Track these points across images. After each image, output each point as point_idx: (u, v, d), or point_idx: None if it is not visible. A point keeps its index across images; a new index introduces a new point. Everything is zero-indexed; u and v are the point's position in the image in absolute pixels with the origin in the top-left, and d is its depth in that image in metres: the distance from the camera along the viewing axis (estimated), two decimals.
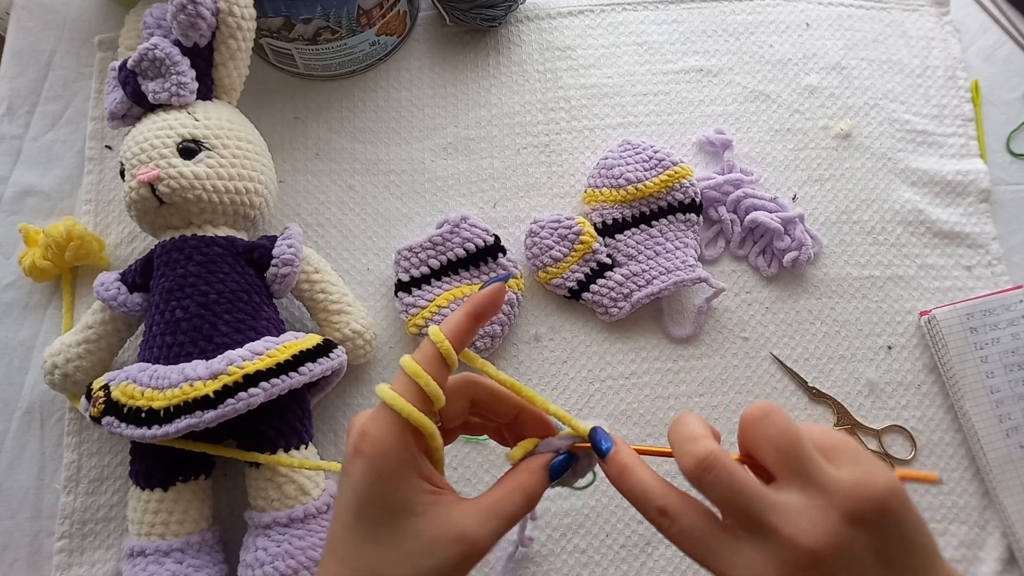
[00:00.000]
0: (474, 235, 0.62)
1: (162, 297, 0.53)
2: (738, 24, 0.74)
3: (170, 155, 0.53)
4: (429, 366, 0.33)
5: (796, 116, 0.70)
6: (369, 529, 0.32)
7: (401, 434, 0.32)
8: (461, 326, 0.35)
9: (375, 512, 0.32)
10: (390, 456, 0.32)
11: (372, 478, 0.32)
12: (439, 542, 0.32)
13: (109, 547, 0.57)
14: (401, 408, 0.32)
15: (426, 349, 0.34)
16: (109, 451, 0.59)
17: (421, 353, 0.34)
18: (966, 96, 0.71)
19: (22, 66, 0.71)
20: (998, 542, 0.59)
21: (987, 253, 0.66)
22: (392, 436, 0.32)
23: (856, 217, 0.67)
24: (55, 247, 0.60)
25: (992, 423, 0.60)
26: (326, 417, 0.61)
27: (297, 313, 0.63)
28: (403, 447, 0.32)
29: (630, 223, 0.64)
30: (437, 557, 0.32)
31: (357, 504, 0.32)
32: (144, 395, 0.49)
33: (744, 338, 0.63)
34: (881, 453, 0.60)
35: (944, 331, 0.62)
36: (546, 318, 0.64)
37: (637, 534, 0.58)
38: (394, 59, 0.72)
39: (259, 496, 0.52)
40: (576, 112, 0.70)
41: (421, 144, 0.69)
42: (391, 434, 0.32)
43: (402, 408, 0.32)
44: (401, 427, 0.32)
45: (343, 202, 0.67)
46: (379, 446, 0.32)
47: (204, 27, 0.54)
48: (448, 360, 0.34)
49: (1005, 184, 0.69)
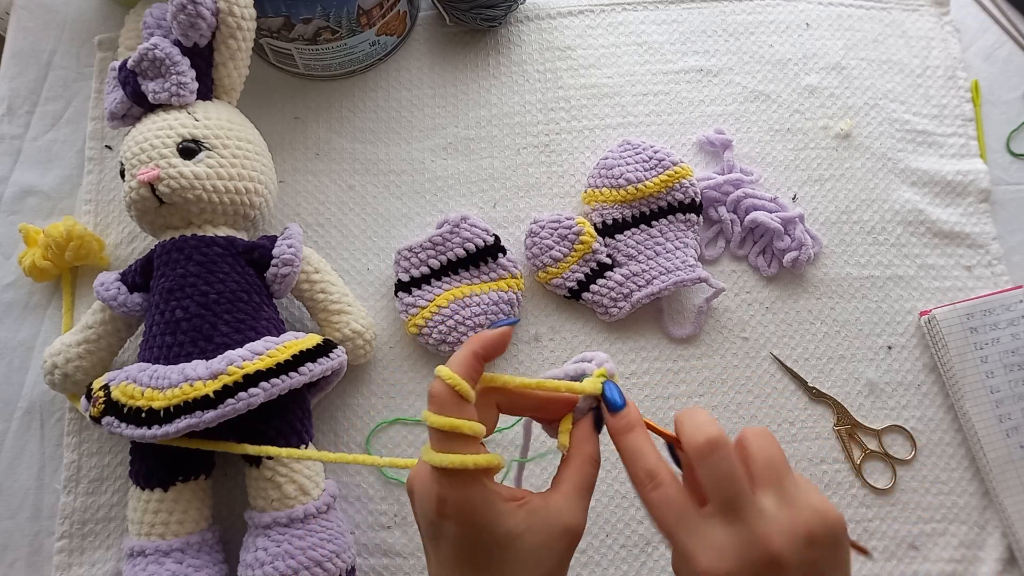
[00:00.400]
0: (474, 235, 0.62)
1: (162, 297, 0.53)
2: (738, 24, 0.74)
3: (170, 155, 0.53)
4: (456, 409, 0.34)
5: (796, 116, 0.70)
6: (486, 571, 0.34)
7: (477, 485, 0.34)
8: (470, 365, 0.35)
9: (484, 556, 0.34)
10: (478, 507, 0.34)
11: (470, 529, 0.34)
12: (548, 544, 0.34)
13: (109, 547, 0.57)
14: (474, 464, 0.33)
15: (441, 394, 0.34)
16: (109, 451, 0.59)
17: (438, 403, 0.34)
18: (966, 96, 0.71)
19: (22, 66, 0.71)
20: (998, 542, 0.59)
21: (987, 253, 0.66)
22: (470, 489, 0.34)
23: (856, 217, 0.67)
24: (55, 247, 0.60)
25: (992, 423, 0.60)
26: (326, 417, 0.61)
27: (297, 313, 0.63)
28: (484, 494, 0.34)
29: (630, 223, 0.64)
30: (552, 557, 0.34)
31: (465, 556, 0.34)
32: (144, 395, 0.49)
33: (744, 338, 0.63)
34: (881, 453, 0.60)
35: (944, 331, 0.62)
36: (546, 318, 0.64)
37: (637, 534, 0.58)
38: (394, 59, 0.72)
39: (259, 496, 0.52)
40: (576, 112, 0.70)
41: (421, 144, 0.69)
42: (468, 487, 0.34)
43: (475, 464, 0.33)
44: (472, 478, 0.34)
45: (343, 202, 0.67)
46: (464, 503, 0.33)
47: (204, 27, 0.54)
48: (465, 397, 0.34)
49: (1005, 184, 0.69)
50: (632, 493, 0.59)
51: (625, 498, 0.59)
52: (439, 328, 0.60)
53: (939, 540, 0.59)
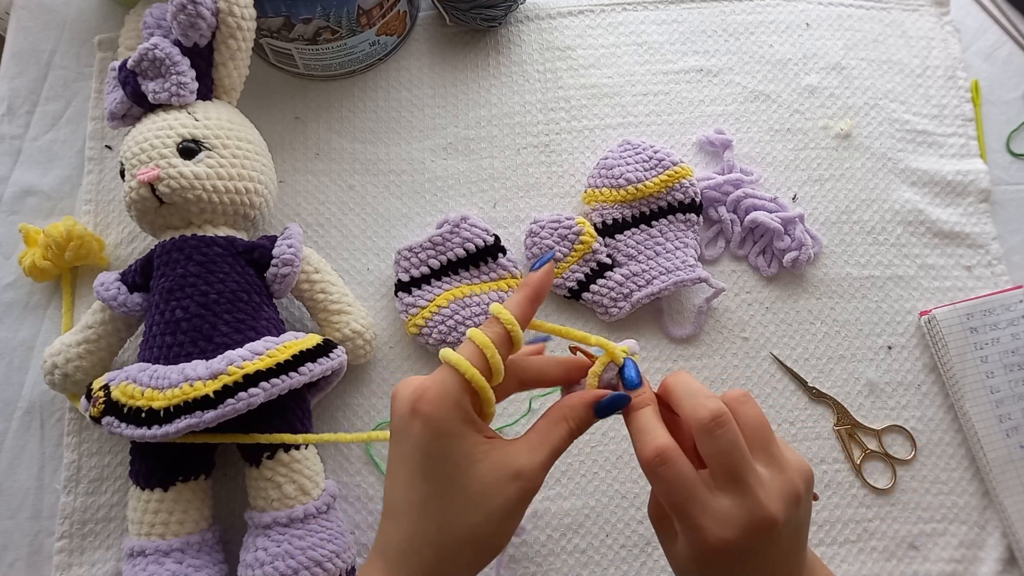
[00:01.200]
0: (474, 235, 0.62)
1: (162, 297, 0.53)
2: (738, 24, 0.74)
3: (170, 155, 0.53)
4: (497, 341, 0.36)
5: (796, 116, 0.70)
6: (435, 483, 0.34)
7: (459, 393, 0.35)
8: (525, 310, 0.37)
9: (439, 466, 0.34)
10: (451, 413, 0.34)
11: (432, 435, 0.34)
12: (499, 482, 0.34)
13: (109, 547, 0.57)
14: (466, 370, 0.34)
15: (495, 328, 0.36)
16: (109, 451, 0.59)
17: (491, 328, 0.36)
18: (966, 96, 0.71)
19: (22, 66, 0.71)
20: (998, 542, 0.59)
21: (987, 253, 0.66)
22: (452, 395, 0.34)
23: (856, 217, 0.67)
24: (55, 247, 0.60)
25: (992, 423, 0.60)
26: (326, 417, 0.61)
27: (297, 313, 0.63)
28: (459, 405, 0.35)
29: (630, 223, 0.64)
30: (499, 497, 0.34)
31: (422, 460, 0.34)
32: (144, 395, 0.49)
33: (744, 338, 0.63)
34: (881, 453, 0.60)
35: (944, 331, 0.62)
36: (546, 318, 0.63)
37: (637, 534, 0.58)
38: (394, 59, 0.72)
39: (259, 496, 0.52)
40: (576, 112, 0.70)
41: (421, 144, 0.69)
42: (451, 393, 0.34)
43: (466, 370, 0.34)
44: (460, 387, 0.35)
45: (343, 202, 0.67)
46: (438, 404, 0.34)
47: (204, 27, 0.54)
48: (515, 340, 0.36)
49: (1005, 184, 0.69)
50: (632, 493, 0.59)
51: (625, 498, 0.59)
52: (439, 328, 0.60)
53: (939, 540, 0.59)
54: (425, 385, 0.35)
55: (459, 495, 0.34)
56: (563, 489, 0.59)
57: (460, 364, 0.35)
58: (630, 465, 0.60)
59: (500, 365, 0.35)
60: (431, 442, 0.34)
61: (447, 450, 0.34)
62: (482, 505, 0.34)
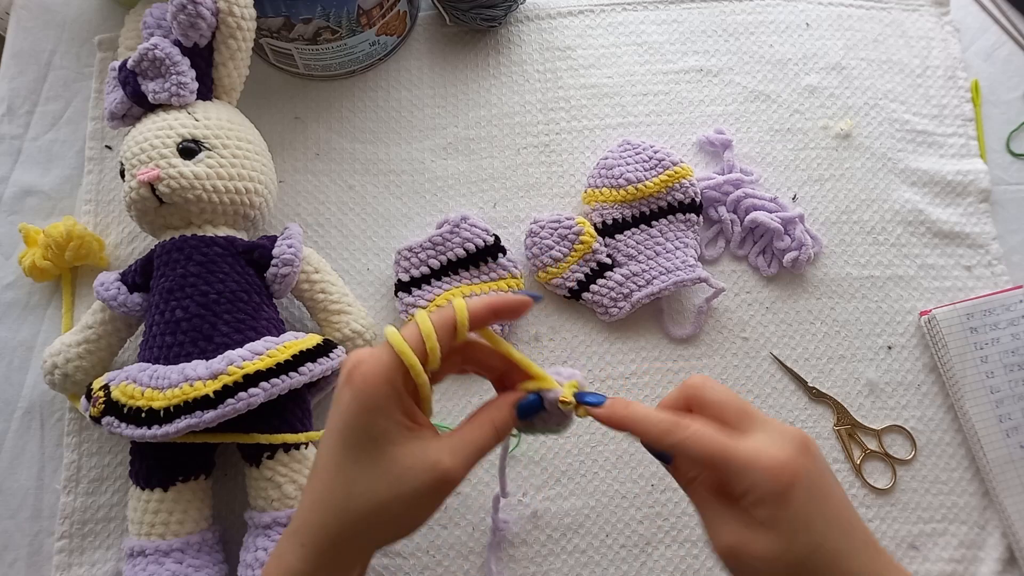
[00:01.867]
0: (474, 235, 0.62)
1: (162, 297, 0.53)
2: (738, 24, 0.74)
3: (170, 155, 0.53)
4: (440, 328, 0.36)
5: (796, 116, 0.70)
6: (352, 452, 0.35)
7: (391, 370, 0.35)
8: (481, 313, 0.37)
9: (358, 437, 0.35)
10: (378, 388, 0.34)
11: (357, 407, 0.35)
12: (414, 468, 0.35)
13: (109, 547, 0.57)
14: (399, 348, 0.34)
15: (444, 314, 0.36)
16: (109, 451, 0.59)
17: (438, 315, 0.36)
18: (966, 96, 0.71)
19: (22, 66, 0.71)
20: (998, 542, 0.59)
21: (987, 253, 0.66)
22: (382, 370, 0.34)
23: (856, 217, 0.67)
24: (55, 247, 0.60)
25: (992, 423, 0.60)
26: (326, 417, 0.60)
27: (297, 313, 0.63)
28: (390, 382, 0.35)
29: (630, 223, 0.64)
30: (412, 482, 0.35)
31: (343, 429, 0.35)
32: (144, 395, 0.49)
33: (744, 338, 0.63)
34: (881, 453, 0.60)
35: (944, 331, 0.62)
36: (546, 318, 0.64)
37: (637, 534, 0.58)
38: (394, 59, 0.72)
39: (259, 496, 0.52)
40: (576, 112, 0.70)
41: (421, 144, 0.69)
42: (382, 368, 0.34)
43: (400, 348, 0.34)
44: (393, 364, 0.35)
45: (343, 202, 0.67)
46: (369, 378, 0.34)
47: (204, 27, 0.54)
48: (459, 334, 0.36)
49: (1005, 184, 0.69)
50: (632, 493, 0.59)
51: (625, 498, 0.59)
52: None
53: (939, 540, 0.59)
54: (362, 357, 0.35)
55: (372, 469, 0.35)
56: (563, 489, 0.59)
57: (396, 343, 0.35)
58: (630, 465, 0.60)
59: (436, 351, 0.35)
60: (356, 414, 0.35)
61: (369, 424, 0.35)
62: (393, 485, 0.35)
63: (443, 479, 0.35)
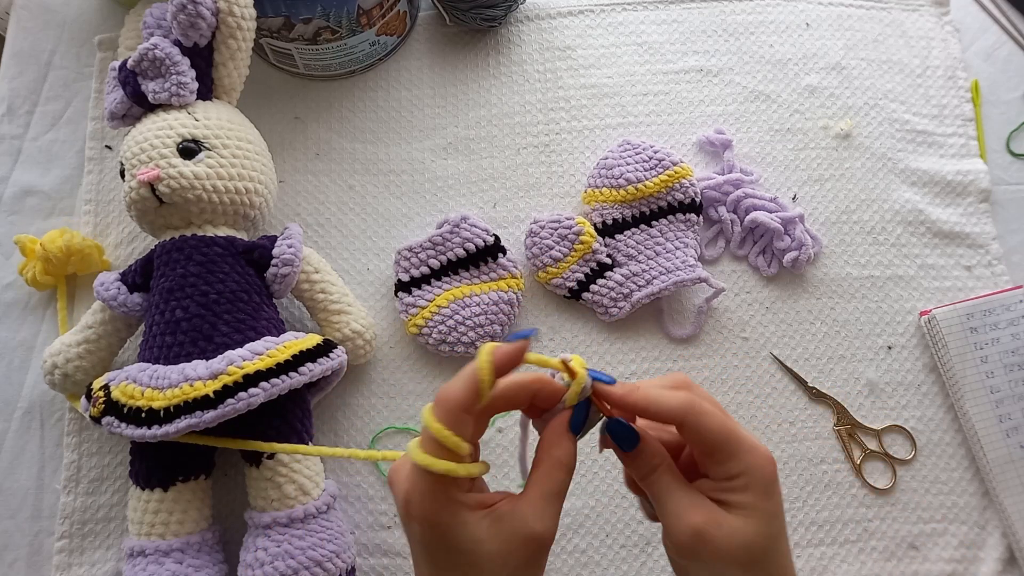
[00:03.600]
0: (474, 235, 0.62)
1: (162, 297, 0.53)
2: (738, 24, 0.74)
3: (170, 155, 0.53)
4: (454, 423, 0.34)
5: (796, 116, 0.70)
6: (447, 572, 0.35)
7: (440, 488, 0.34)
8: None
9: (446, 557, 0.35)
10: (441, 510, 0.34)
11: (431, 534, 0.34)
12: (512, 551, 0.34)
13: (109, 547, 0.57)
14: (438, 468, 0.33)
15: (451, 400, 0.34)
16: (109, 451, 0.59)
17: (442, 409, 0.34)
18: (966, 96, 0.71)
19: (22, 66, 0.71)
20: (998, 542, 0.59)
21: (987, 253, 0.66)
22: (434, 494, 0.34)
23: (856, 217, 0.67)
24: (56, 262, 0.60)
25: (992, 423, 0.60)
26: (326, 417, 0.61)
27: (297, 313, 0.63)
28: (447, 500, 0.34)
29: (630, 223, 0.64)
30: (515, 562, 0.34)
31: (428, 556, 0.35)
32: (144, 395, 0.49)
33: (744, 338, 0.63)
34: (881, 453, 0.60)
35: (944, 331, 0.62)
36: (546, 318, 0.64)
37: (637, 534, 0.58)
38: (394, 59, 0.72)
39: (259, 496, 0.52)
40: (576, 112, 0.70)
41: (421, 144, 0.69)
42: (432, 491, 0.34)
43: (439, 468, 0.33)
44: (439, 483, 0.34)
45: (343, 202, 0.67)
46: (427, 507, 0.34)
47: (204, 27, 0.54)
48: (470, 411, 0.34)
49: (1005, 184, 0.69)
50: (632, 493, 0.59)
51: (625, 498, 0.59)
52: (439, 328, 0.60)
53: (939, 540, 0.59)
54: (408, 491, 0.34)
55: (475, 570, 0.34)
56: None
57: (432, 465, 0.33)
58: None
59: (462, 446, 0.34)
60: (433, 540, 0.34)
61: (452, 541, 0.34)
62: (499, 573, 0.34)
63: (540, 544, 0.35)
